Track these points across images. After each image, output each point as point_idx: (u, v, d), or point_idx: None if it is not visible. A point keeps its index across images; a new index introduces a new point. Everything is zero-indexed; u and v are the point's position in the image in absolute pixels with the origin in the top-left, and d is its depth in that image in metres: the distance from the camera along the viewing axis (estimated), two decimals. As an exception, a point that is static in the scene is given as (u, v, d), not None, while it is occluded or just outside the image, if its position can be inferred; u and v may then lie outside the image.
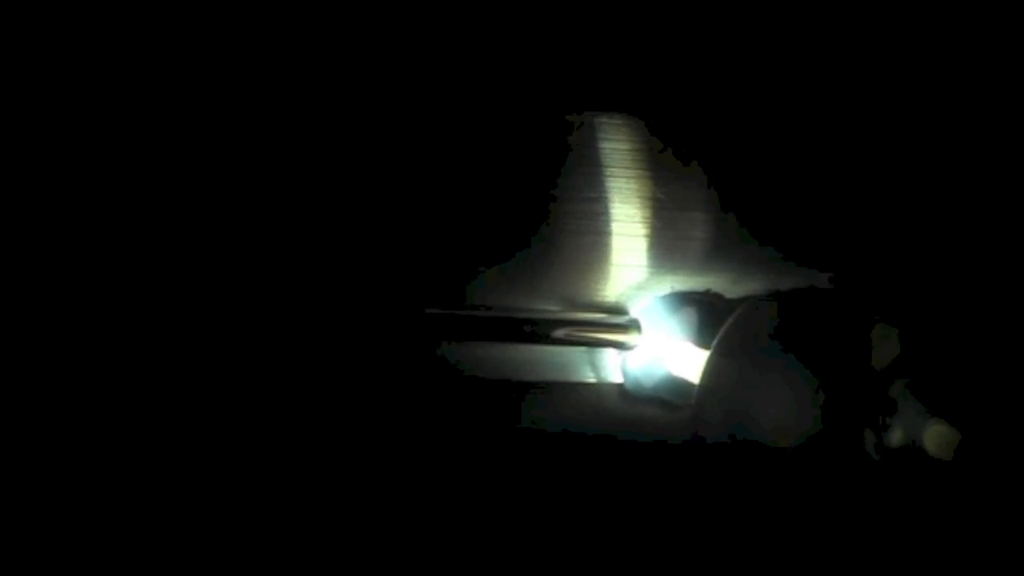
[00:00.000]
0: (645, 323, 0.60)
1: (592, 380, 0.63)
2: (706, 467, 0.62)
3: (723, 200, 0.60)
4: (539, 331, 0.59)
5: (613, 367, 0.62)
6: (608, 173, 0.59)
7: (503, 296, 0.60)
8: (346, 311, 0.59)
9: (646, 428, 0.63)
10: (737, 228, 0.60)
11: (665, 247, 0.60)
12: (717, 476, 0.62)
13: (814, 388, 0.57)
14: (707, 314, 0.60)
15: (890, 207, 0.61)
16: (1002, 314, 0.63)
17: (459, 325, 0.59)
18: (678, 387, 0.60)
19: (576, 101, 0.57)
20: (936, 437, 0.60)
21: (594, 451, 0.63)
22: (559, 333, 0.59)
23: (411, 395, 0.61)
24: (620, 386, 0.63)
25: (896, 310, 0.62)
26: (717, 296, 0.61)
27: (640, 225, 0.60)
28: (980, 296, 0.63)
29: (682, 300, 0.61)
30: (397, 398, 0.61)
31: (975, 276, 0.63)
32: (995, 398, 0.63)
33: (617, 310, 0.61)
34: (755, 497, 0.63)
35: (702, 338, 0.59)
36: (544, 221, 0.59)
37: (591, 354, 0.62)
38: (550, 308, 0.61)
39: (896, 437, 0.60)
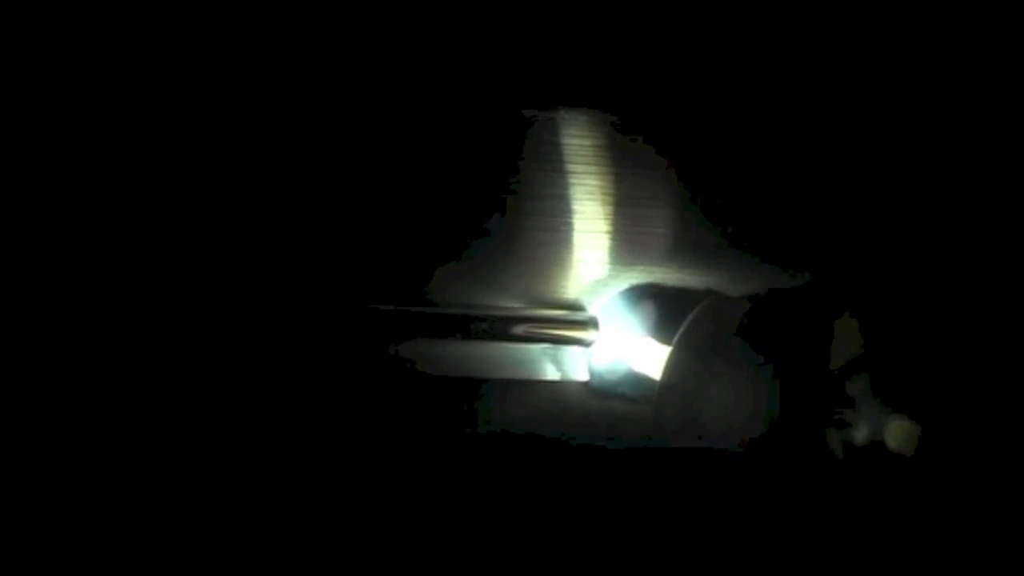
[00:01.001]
0: (606, 319, 0.60)
1: (555, 377, 0.62)
2: (668, 463, 0.62)
3: (685, 196, 0.60)
4: (500, 328, 0.59)
5: (576, 364, 0.62)
6: (569, 169, 0.59)
7: (464, 293, 0.60)
8: (305, 308, 0.58)
9: (609, 425, 0.62)
10: (699, 224, 0.60)
11: (627, 243, 0.60)
12: (679, 472, 0.62)
13: (775, 384, 0.57)
14: (668, 310, 0.60)
15: (852, 206, 0.61)
16: (960, 311, 0.63)
17: (418, 322, 0.58)
18: (640, 383, 0.60)
19: (536, 96, 0.57)
20: (898, 432, 0.60)
21: (558, 448, 0.62)
22: (520, 330, 0.59)
23: (370, 393, 0.60)
24: (583, 383, 0.62)
25: (858, 307, 0.62)
26: (679, 292, 0.61)
27: (602, 221, 0.60)
28: (939, 293, 0.63)
29: (643, 296, 0.61)
30: (356, 396, 0.60)
31: (935, 274, 0.63)
32: (956, 393, 0.63)
33: (579, 306, 0.61)
34: (717, 492, 0.62)
35: (663, 334, 0.59)
36: (505, 217, 0.59)
37: (553, 351, 0.62)
38: (511, 305, 0.60)
39: (858, 433, 0.60)
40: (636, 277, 0.61)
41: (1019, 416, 0.64)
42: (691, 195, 0.59)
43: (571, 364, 0.62)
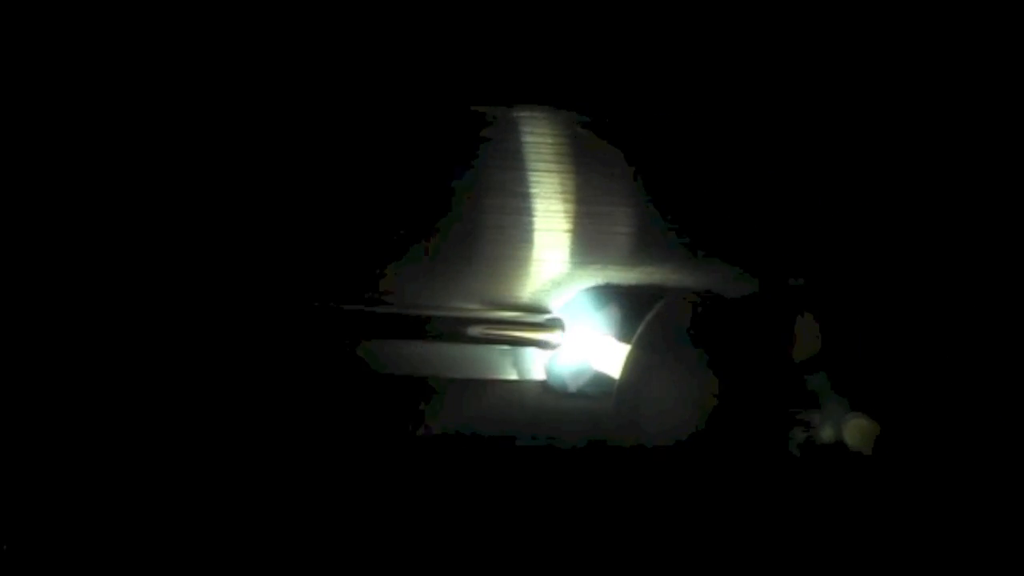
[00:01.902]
0: (567, 318, 0.60)
1: (515, 377, 0.62)
2: (627, 461, 0.61)
3: (646, 195, 0.59)
4: (460, 329, 0.58)
5: (534, 363, 0.62)
6: (530, 167, 0.58)
7: (423, 293, 0.59)
8: (262, 308, 0.57)
9: (568, 423, 0.62)
10: (659, 223, 0.60)
11: (587, 242, 0.60)
12: (639, 470, 0.62)
13: (734, 381, 0.57)
14: (629, 309, 0.60)
15: (812, 205, 0.61)
16: (919, 311, 0.64)
17: (377, 322, 0.58)
18: (600, 382, 0.60)
19: (496, 94, 0.57)
20: (856, 430, 0.60)
21: (516, 448, 0.62)
22: (480, 331, 0.59)
23: (328, 393, 0.59)
24: (543, 382, 0.62)
25: (817, 306, 0.63)
26: (639, 291, 0.61)
27: (562, 220, 0.59)
28: (898, 292, 0.64)
29: (604, 295, 0.61)
30: (314, 396, 0.59)
31: (893, 274, 0.63)
32: (914, 392, 0.63)
33: (540, 306, 0.61)
34: (677, 489, 0.62)
35: (624, 333, 0.59)
36: (465, 216, 0.58)
37: (514, 351, 0.61)
38: (471, 305, 0.60)
39: (818, 430, 0.61)
40: (596, 276, 0.61)
41: (978, 415, 0.65)
42: (652, 194, 0.59)
43: (529, 364, 0.62)
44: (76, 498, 0.57)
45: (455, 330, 0.58)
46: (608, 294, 0.61)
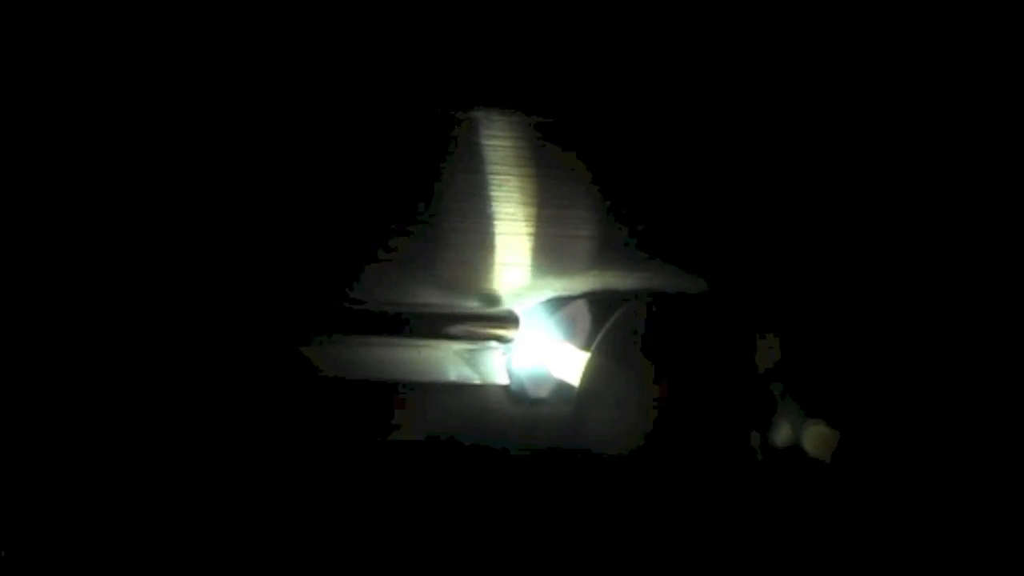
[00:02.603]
0: (527, 324, 0.60)
1: (476, 381, 0.62)
2: (587, 468, 0.61)
3: (607, 200, 0.59)
4: (418, 328, 0.58)
5: (496, 367, 0.61)
6: (490, 170, 0.57)
7: (382, 296, 0.59)
8: (219, 310, 0.57)
9: (528, 430, 0.62)
10: (621, 228, 0.59)
11: (548, 246, 0.59)
12: (599, 477, 0.62)
13: (694, 390, 0.57)
14: (588, 315, 0.59)
15: (776, 212, 0.61)
16: (877, 318, 0.64)
17: (337, 323, 0.57)
18: (559, 389, 0.60)
19: (457, 96, 0.56)
20: (815, 438, 0.60)
21: (476, 453, 0.62)
22: (438, 332, 0.58)
23: (284, 395, 0.59)
24: (504, 387, 0.62)
25: (775, 314, 0.63)
26: (599, 297, 0.61)
27: (523, 223, 0.59)
28: (856, 301, 0.64)
29: (564, 301, 0.60)
30: (270, 398, 0.59)
31: (854, 282, 0.63)
32: (872, 399, 0.63)
33: (499, 311, 0.60)
34: (636, 497, 0.62)
35: (583, 340, 0.58)
36: (425, 219, 0.57)
37: (474, 355, 0.61)
38: (430, 308, 0.59)
39: (778, 438, 0.61)
40: (557, 281, 0.60)
41: (937, 422, 0.65)
42: (614, 199, 0.59)
43: (491, 368, 0.61)
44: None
45: (417, 329, 0.58)
46: (567, 300, 0.61)
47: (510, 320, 0.59)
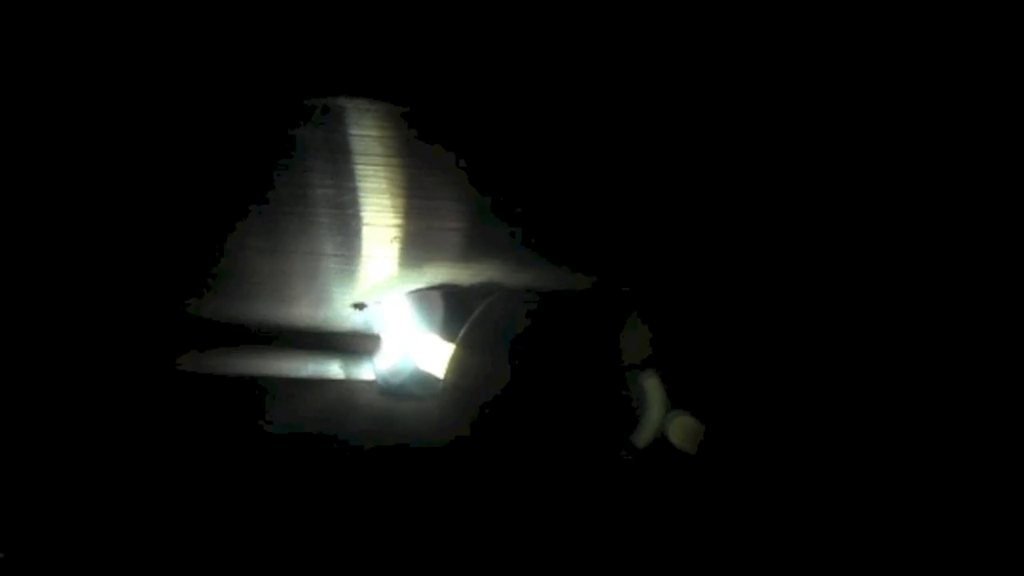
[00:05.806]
0: (393, 317, 0.59)
1: (341, 377, 0.60)
2: (454, 460, 0.61)
3: (475, 191, 0.58)
4: (282, 332, 0.57)
5: (362, 364, 0.60)
6: (358, 161, 0.56)
7: (246, 296, 0.57)
8: (85, 318, 0.54)
9: (396, 423, 0.61)
10: (488, 220, 0.59)
11: (415, 238, 0.59)
12: (467, 469, 0.61)
13: (561, 382, 0.57)
14: (454, 307, 0.59)
15: (643, 205, 0.61)
16: (746, 311, 0.65)
17: (199, 328, 0.56)
18: (425, 381, 0.59)
19: (324, 86, 0.54)
20: (680, 429, 0.61)
21: (344, 448, 0.60)
22: (302, 332, 0.57)
23: (152, 399, 0.57)
24: (371, 382, 0.61)
25: (645, 308, 0.63)
26: (465, 289, 0.60)
27: (390, 215, 0.58)
28: (726, 295, 0.65)
29: (429, 293, 0.60)
30: (136, 402, 0.57)
31: (722, 278, 0.64)
32: (739, 392, 0.65)
33: (364, 305, 0.59)
34: (505, 488, 0.62)
35: (448, 332, 0.58)
36: (286, 213, 0.56)
37: (340, 351, 0.60)
38: (299, 305, 0.58)
39: (643, 430, 0.61)
40: (424, 273, 0.60)
41: (803, 415, 0.66)
42: (482, 191, 0.58)
43: (357, 364, 0.60)
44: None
45: (283, 332, 0.56)
46: (434, 292, 0.60)
47: (375, 322, 0.59)
